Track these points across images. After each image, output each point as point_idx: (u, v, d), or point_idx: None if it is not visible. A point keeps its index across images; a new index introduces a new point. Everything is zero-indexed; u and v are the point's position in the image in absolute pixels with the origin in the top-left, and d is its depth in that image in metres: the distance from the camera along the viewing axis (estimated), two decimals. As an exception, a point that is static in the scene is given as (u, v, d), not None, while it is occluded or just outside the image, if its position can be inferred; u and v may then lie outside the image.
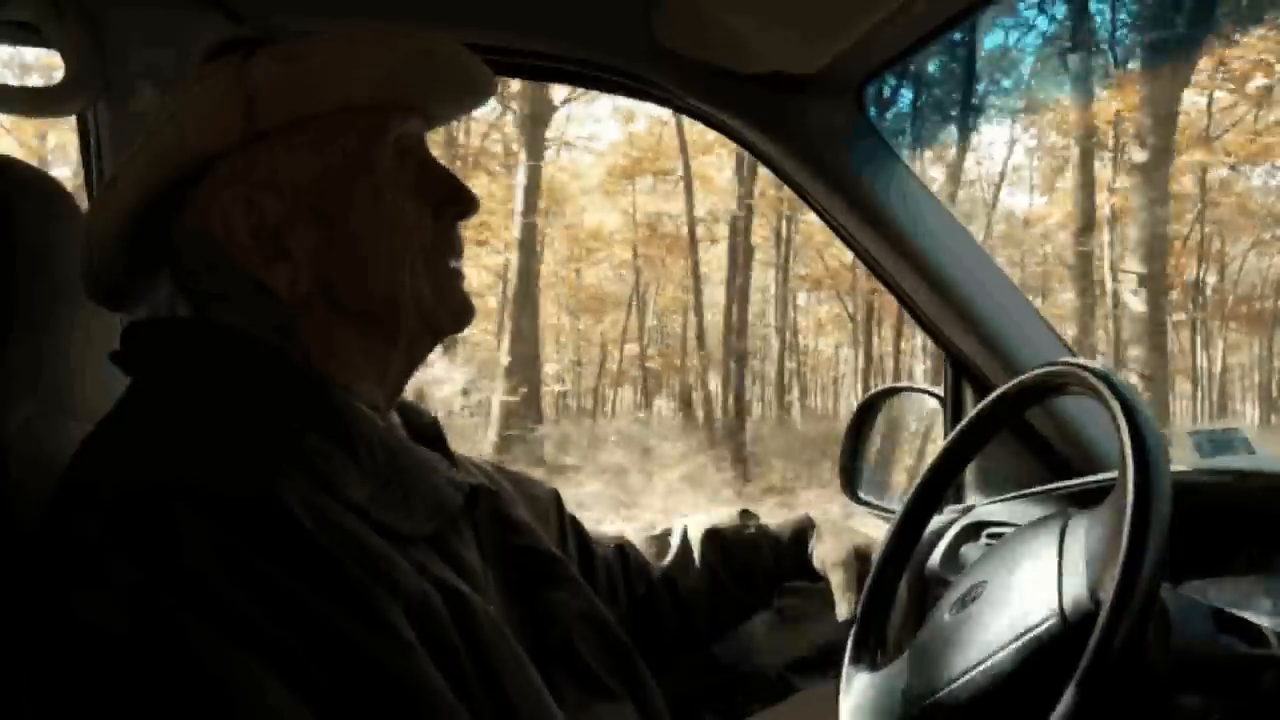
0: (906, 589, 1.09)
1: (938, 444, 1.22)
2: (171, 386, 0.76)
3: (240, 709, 0.58)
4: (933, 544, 1.16)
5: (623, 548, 1.18)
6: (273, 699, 0.59)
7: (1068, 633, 0.75)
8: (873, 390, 1.63)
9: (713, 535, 1.21)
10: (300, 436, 0.73)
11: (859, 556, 1.14)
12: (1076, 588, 0.77)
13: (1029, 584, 0.82)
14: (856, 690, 0.96)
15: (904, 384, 1.63)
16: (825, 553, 1.17)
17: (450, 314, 0.85)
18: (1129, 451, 0.74)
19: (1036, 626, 0.77)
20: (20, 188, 0.86)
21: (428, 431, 0.92)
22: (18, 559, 0.66)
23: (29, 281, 0.83)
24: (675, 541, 1.21)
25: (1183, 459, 1.14)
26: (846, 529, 1.20)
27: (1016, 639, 0.79)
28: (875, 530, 1.18)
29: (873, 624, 1.02)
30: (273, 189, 0.77)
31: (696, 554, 1.19)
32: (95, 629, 0.59)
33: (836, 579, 1.13)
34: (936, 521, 1.14)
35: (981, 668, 0.80)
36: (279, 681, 0.59)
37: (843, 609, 1.09)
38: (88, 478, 0.69)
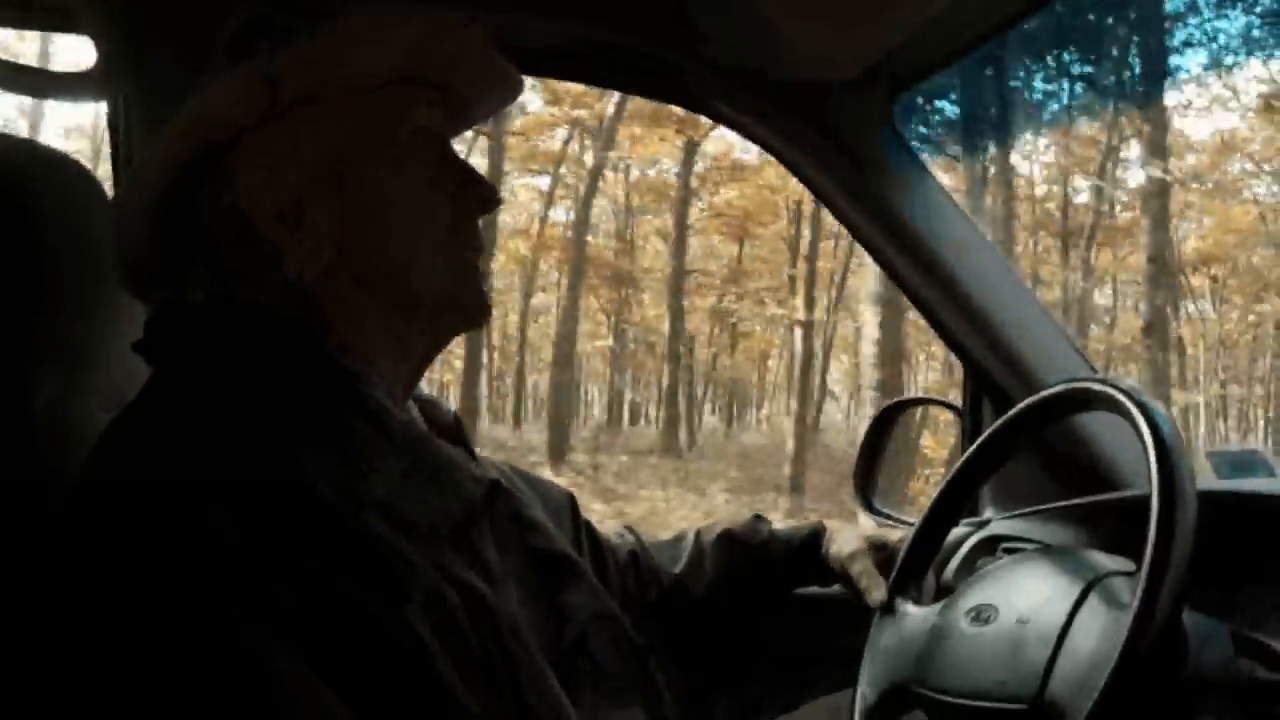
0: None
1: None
2: (192, 377, 0.76)
3: (279, 697, 0.58)
4: (948, 558, 1.16)
5: (635, 552, 1.18)
6: (304, 691, 0.59)
7: None
8: (890, 401, 1.62)
9: (725, 539, 1.20)
10: (321, 430, 0.72)
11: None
12: (1062, 684, 0.76)
13: (1027, 639, 0.81)
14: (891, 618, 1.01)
15: (922, 396, 1.61)
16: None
17: (470, 296, 0.84)
18: (1155, 475, 0.74)
19: (1013, 702, 0.78)
20: (45, 171, 0.86)
21: (449, 427, 0.91)
22: (43, 542, 0.66)
23: (54, 264, 0.83)
24: (688, 546, 1.21)
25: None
26: None
27: (997, 701, 0.80)
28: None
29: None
30: (294, 161, 0.78)
31: (709, 559, 1.19)
32: (123, 623, 0.59)
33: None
34: (953, 534, 1.13)
35: (967, 701, 0.83)
36: (317, 676, 0.59)
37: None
38: (112, 471, 0.69)
